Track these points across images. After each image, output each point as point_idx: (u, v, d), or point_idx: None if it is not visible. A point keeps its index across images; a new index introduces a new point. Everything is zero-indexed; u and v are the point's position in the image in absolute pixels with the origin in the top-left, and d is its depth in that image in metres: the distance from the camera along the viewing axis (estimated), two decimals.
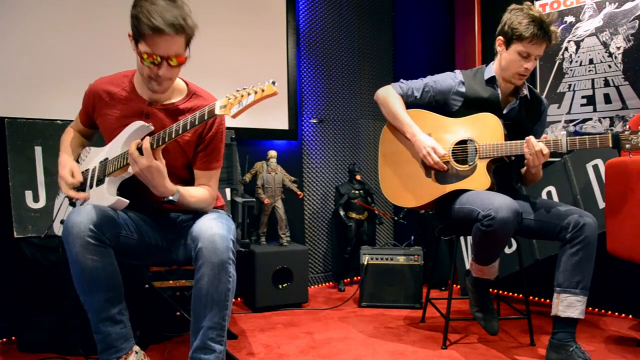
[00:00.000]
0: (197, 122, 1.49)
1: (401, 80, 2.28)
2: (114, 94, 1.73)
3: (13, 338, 2.28)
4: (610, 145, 1.81)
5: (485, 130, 2.06)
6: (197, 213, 1.74)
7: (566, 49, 2.91)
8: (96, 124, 1.82)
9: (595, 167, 2.56)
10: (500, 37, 2.08)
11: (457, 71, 2.23)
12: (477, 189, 2.02)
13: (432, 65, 3.67)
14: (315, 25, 3.48)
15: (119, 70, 1.81)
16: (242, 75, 3.07)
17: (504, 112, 2.13)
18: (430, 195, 2.15)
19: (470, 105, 2.13)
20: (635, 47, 2.64)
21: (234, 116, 1.41)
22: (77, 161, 1.85)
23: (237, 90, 1.42)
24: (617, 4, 2.71)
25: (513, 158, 2.08)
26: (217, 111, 1.43)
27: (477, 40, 3.32)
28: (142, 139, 1.56)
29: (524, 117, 2.14)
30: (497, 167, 2.08)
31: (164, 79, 1.59)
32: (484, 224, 1.84)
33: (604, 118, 2.75)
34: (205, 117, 1.48)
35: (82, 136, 1.91)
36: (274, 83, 1.38)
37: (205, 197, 1.74)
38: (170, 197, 1.61)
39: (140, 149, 1.54)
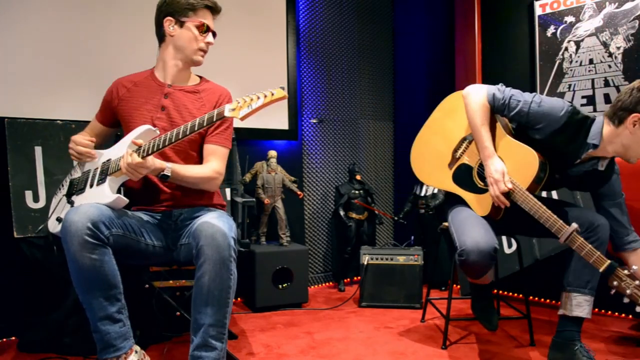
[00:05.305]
0: (205, 124, 1.57)
1: (501, 86, 1.97)
2: (136, 81, 1.87)
3: (13, 338, 2.28)
4: (601, 270, 1.72)
5: (518, 166, 1.88)
6: (197, 212, 1.74)
7: (566, 49, 2.91)
8: (114, 118, 1.89)
9: None
10: None
11: (568, 103, 1.89)
12: (475, 211, 1.97)
13: (431, 65, 3.67)
14: (315, 25, 3.48)
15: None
16: (242, 75, 3.08)
17: (571, 166, 1.95)
18: (440, 184, 2.13)
19: (550, 142, 1.88)
20: (635, 47, 2.64)
21: (242, 118, 1.49)
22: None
23: (247, 95, 1.50)
24: (617, 4, 2.71)
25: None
26: (227, 113, 1.51)
27: (477, 41, 3.32)
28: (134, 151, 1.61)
29: (578, 179, 1.97)
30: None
31: (207, 49, 1.84)
32: (459, 258, 1.85)
33: None
34: (214, 119, 1.56)
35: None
36: (283, 88, 1.49)
37: (204, 171, 1.77)
38: (163, 173, 1.64)
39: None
